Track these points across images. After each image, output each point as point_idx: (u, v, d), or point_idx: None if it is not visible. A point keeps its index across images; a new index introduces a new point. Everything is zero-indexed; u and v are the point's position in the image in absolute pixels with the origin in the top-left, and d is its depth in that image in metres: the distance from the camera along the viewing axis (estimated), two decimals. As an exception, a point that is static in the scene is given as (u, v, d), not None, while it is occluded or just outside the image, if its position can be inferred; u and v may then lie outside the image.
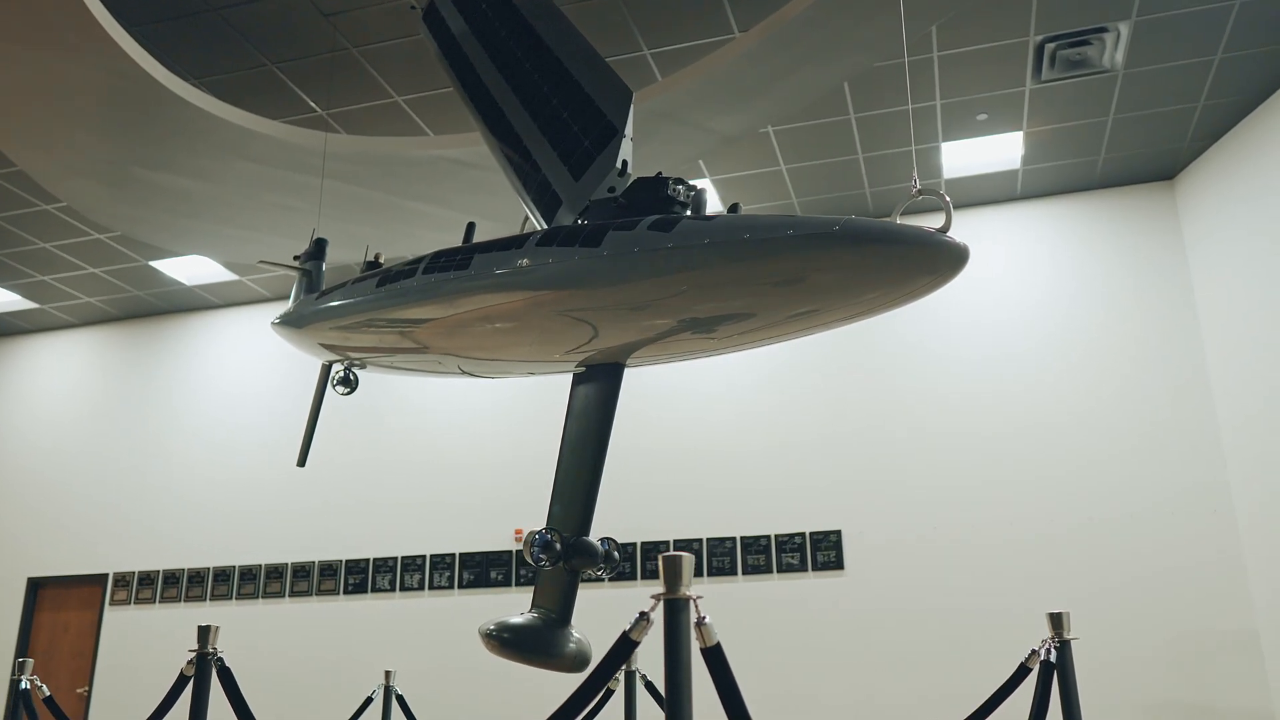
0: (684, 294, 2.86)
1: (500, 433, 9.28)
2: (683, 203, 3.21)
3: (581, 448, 3.34)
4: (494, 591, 8.77)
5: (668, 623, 2.08)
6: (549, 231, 3.27)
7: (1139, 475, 7.62)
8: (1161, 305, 7.99)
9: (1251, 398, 7.23)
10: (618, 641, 2.27)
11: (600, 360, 3.36)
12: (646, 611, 2.29)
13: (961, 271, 2.56)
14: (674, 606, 2.08)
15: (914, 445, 8.18)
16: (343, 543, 9.33)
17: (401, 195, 6.97)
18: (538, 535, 3.12)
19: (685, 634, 2.04)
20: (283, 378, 10.09)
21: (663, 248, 2.83)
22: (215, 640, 3.58)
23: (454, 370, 3.99)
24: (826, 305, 2.71)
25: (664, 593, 2.15)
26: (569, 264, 3.07)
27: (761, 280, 2.69)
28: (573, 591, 3.27)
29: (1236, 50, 6.57)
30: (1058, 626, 3.62)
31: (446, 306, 3.54)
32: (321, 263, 5.16)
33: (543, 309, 3.19)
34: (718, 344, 3.13)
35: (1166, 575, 7.35)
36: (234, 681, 3.46)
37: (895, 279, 2.55)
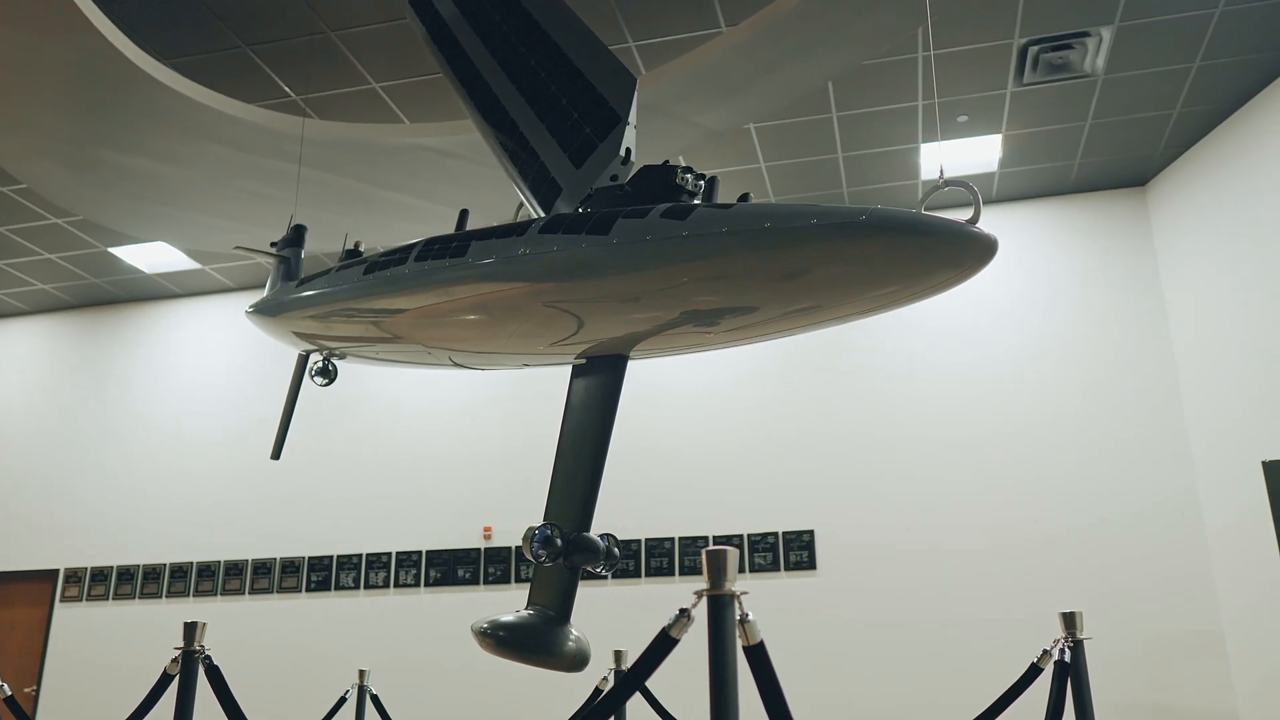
0: (699, 283, 2.78)
1: (469, 428, 9.15)
2: (690, 191, 3.14)
3: (581, 441, 3.25)
4: (461, 590, 8.63)
5: (711, 619, 2.01)
6: (552, 219, 3.17)
7: (1108, 480, 7.68)
8: (1133, 311, 8.07)
9: (1219, 402, 7.32)
10: (656, 639, 2.18)
11: (603, 351, 3.26)
12: (687, 608, 2.21)
13: (989, 264, 2.51)
14: (718, 603, 2.00)
15: (887, 447, 8.18)
16: (306, 539, 9.13)
17: (377, 184, 6.81)
18: (537, 531, 3.02)
19: (730, 631, 1.97)
20: (244, 370, 9.86)
21: (677, 235, 2.75)
22: (202, 637, 3.42)
23: (444, 362, 3.87)
24: (848, 297, 2.64)
25: (707, 588, 2.07)
26: (575, 251, 2.97)
27: (783, 270, 2.62)
28: (573, 589, 3.18)
29: (1214, 59, 6.64)
30: (1071, 626, 3.60)
31: (441, 295, 3.43)
32: (300, 250, 5.00)
33: (546, 298, 3.09)
34: (726, 335, 3.06)
35: (1135, 579, 7.42)
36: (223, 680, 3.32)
37: (923, 270, 2.49)
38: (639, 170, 3.24)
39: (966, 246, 2.43)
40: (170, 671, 3.41)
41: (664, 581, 8.27)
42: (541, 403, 9.01)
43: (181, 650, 3.33)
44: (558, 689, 7.93)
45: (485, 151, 6.62)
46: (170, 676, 3.40)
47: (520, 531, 9.40)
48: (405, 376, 9.42)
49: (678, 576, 8.24)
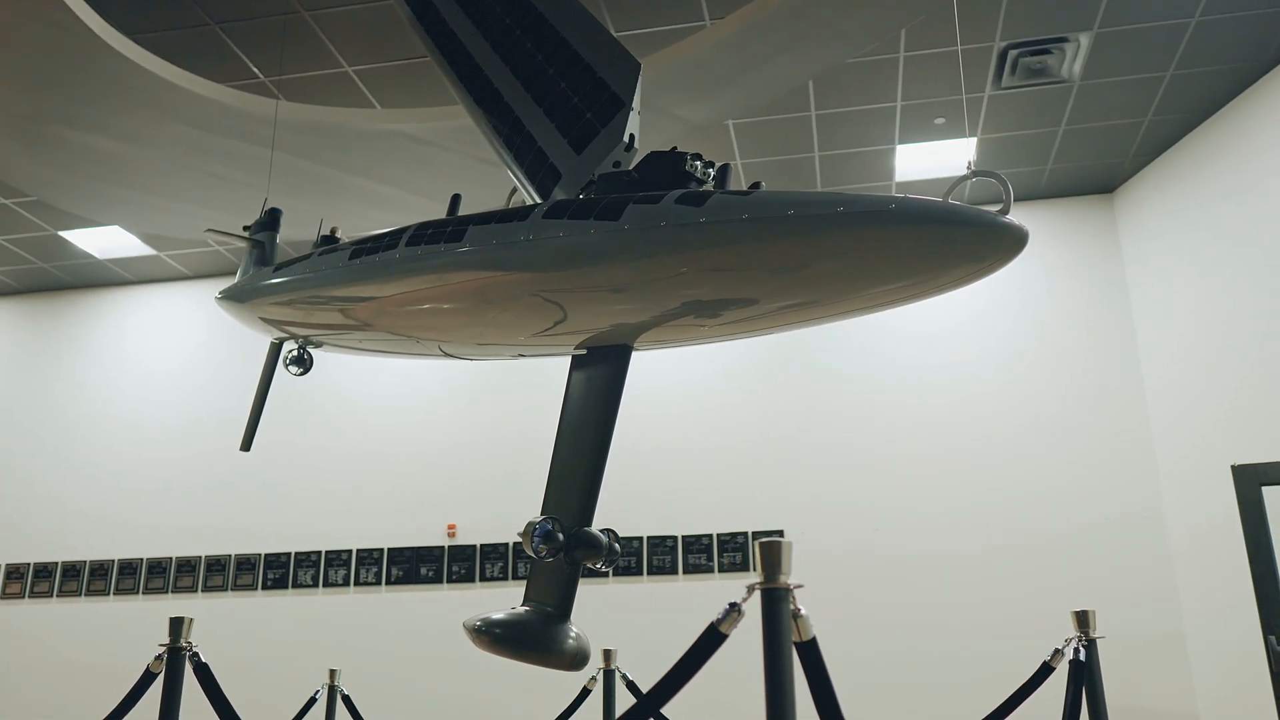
0: (714, 272, 2.70)
1: (433, 422, 8.97)
2: (699, 179, 3.05)
3: (582, 434, 3.15)
4: (424, 589, 8.45)
5: (766, 614, 1.93)
6: (556, 204, 3.07)
7: (1075, 483, 7.75)
8: (1100, 318, 8.16)
9: (1185, 407, 7.42)
10: (705, 634, 2.10)
11: (607, 341, 3.16)
12: (737, 602, 2.12)
13: (1018, 256, 2.46)
14: (773, 597, 1.92)
15: (857, 450, 8.18)
16: (263, 535, 8.88)
17: (348, 170, 6.64)
18: (538, 525, 2.92)
19: (786, 627, 1.89)
20: (197, 361, 9.57)
21: (693, 222, 2.66)
22: (189, 633, 3.26)
23: (434, 352, 3.75)
24: (872, 288, 2.58)
25: (761, 582, 1.98)
26: (584, 238, 2.87)
27: (805, 259, 2.54)
28: (573, 585, 3.08)
29: (1187, 68, 6.73)
30: (1084, 625, 3.58)
31: (436, 281, 3.30)
32: (275, 234, 4.83)
33: (550, 284, 2.99)
34: (736, 326, 2.98)
35: (1099, 580, 7.48)
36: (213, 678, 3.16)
37: (952, 261, 2.43)
38: (646, 156, 3.15)
39: (999, 237, 2.38)
40: (154, 669, 3.24)
41: (632, 581, 8.18)
42: (508, 396, 8.88)
43: (167, 647, 3.16)
44: (527, 688, 7.82)
45: (462, 139, 6.51)
46: (153, 675, 3.23)
47: (484, 529, 9.27)
48: (365, 367, 9.20)
49: (646, 576, 8.15)
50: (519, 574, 8.33)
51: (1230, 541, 6.71)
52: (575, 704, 4.75)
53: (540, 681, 7.72)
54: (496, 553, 8.43)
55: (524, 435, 8.70)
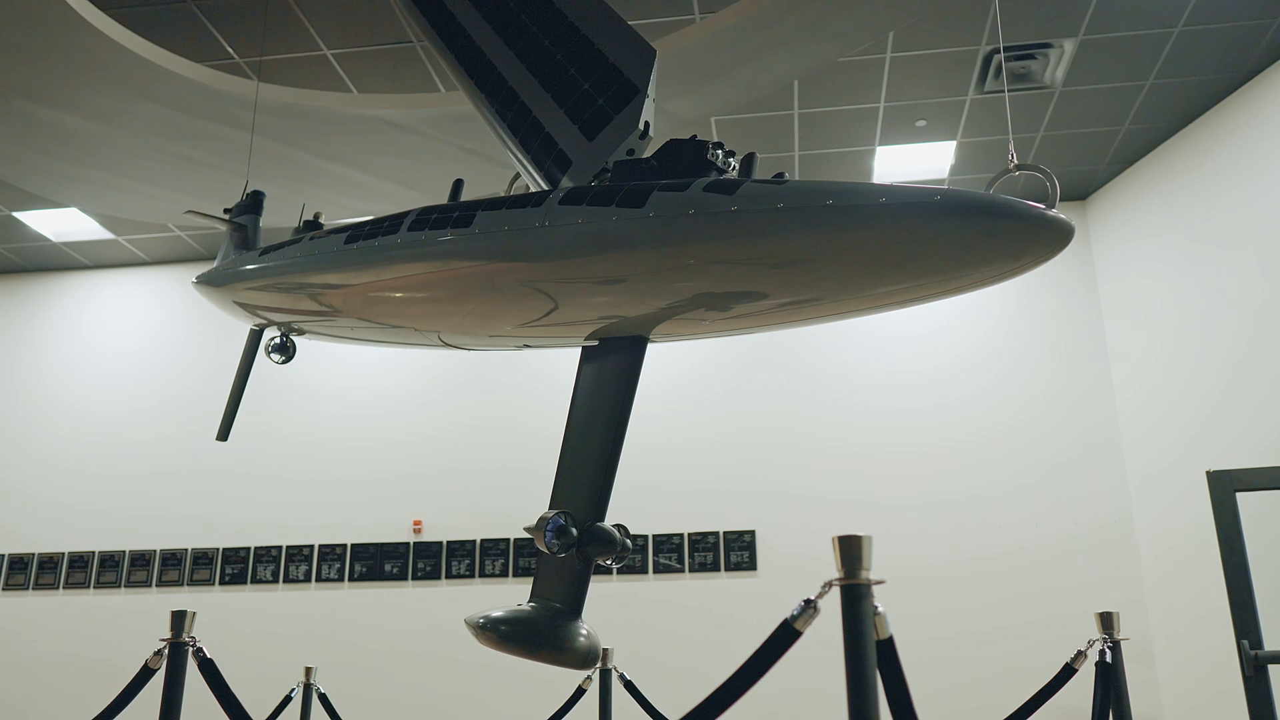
0: (745, 263, 2.63)
1: (400, 413, 8.79)
2: (720, 168, 2.98)
3: (595, 427, 3.05)
4: (389, 585, 8.28)
5: (847, 612, 1.85)
6: (572, 191, 2.97)
7: (1046, 491, 7.80)
8: (1072, 324, 8.24)
9: (1151, 413, 7.51)
10: (778, 630, 2.02)
11: (621, 332, 3.07)
12: (813, 599, 2.04)
13: (1063, 251, 2.42)
14: (853, 593, 1.84)
15: (829, 453, 8.16)
16: (221, 529, 8.63)
17: (324, 155, 6.46)
18: (550, 520, 2.82)
19: (868, 625, 1.81)
20: (153, 349, 9.29)
21: (724, 210, 2.58)
22: (191, 627, 3.10)
23: (433, 342, 3.63)
24: (912, 282, 2.52)
25: (841, 577, 1.90)
26: (605, 225, 2.78)
27: (843, 251, 2.47)
28: (585, 582, 2.99)
29: (1167, 77, 6.80)
30: (1109, 627, 3.57)
31: (442, 268, 3.19)
32: (258, 218, 4.67)
33: (569, 273, 2.89)
34: (759, 319, 2.91)
35: (1067, 584, 7.55)
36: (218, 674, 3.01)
37: (998, 255, 2.38)
38: (666, 144, 3.07)
39: (1047, 231, 2.33)
40: (152, 665, 3.08)
41: (601, 581, 8.07)
42: (478, 388, 8.74)
43: (169, 642, 3.01)
44: (494, 687, 7.70)
45: (444, 127, 6.37)
46: (151, 671, 3.07)
47: (451, 526, 9.10)
48: (329, 356, 8.98)
49: (615, 576, 8.06)
50: (486, 571, 8.20)
51: (1200, 550, 6.79)
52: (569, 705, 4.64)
53: (517, 680, 7.64)
54: (463, 550, 8.28)
55: (494, 429, 8.58)
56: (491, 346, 3.72)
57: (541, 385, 8.58)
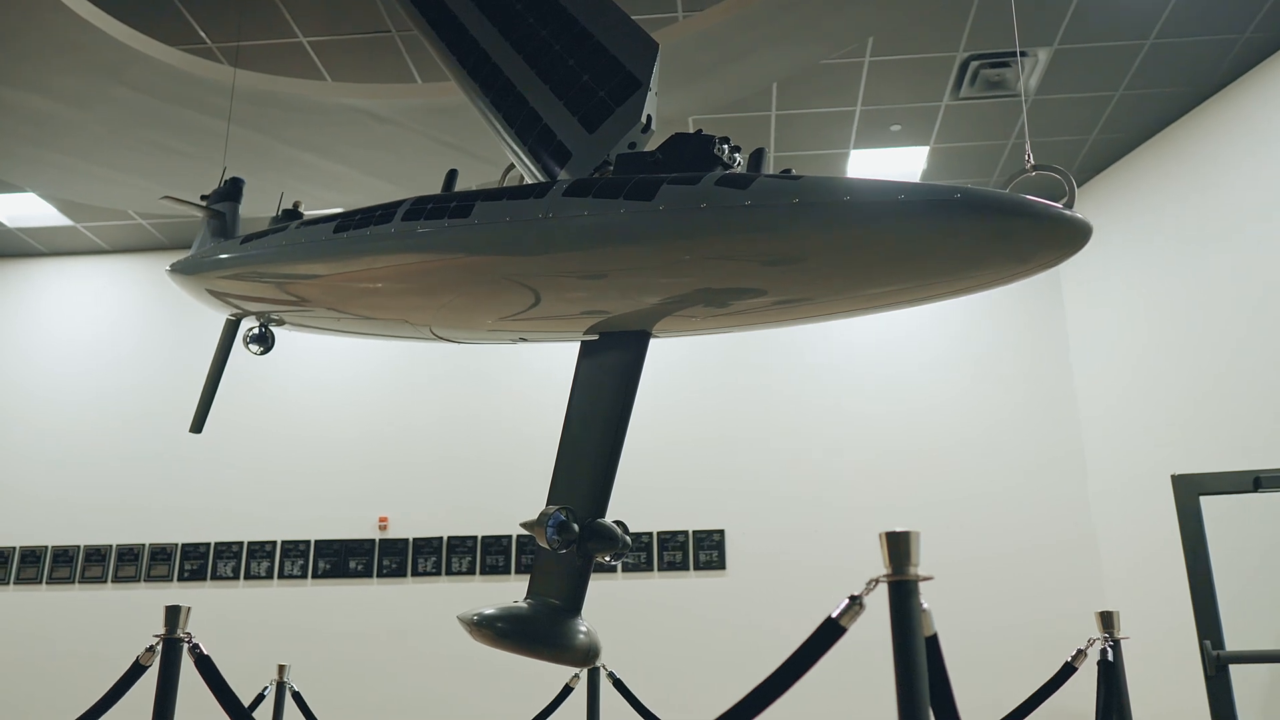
0: (758, 259, 2.62)
1: (367, 406, 8.66)
2: (726, 163, 2.97)
3: (595, 422, 3.02)
4: (353, 583, 8.16)
5: (895, 609, 1.83)
6: (577, 183, 2.94)
7: (1010, 497, 7.91)
8: (1038, 331, 8.36)
9: (1115, 420, 7.66)
10: (822, 626, 2.00)
11: (622, 327, 3.05)
12: (858, 595, 2.03)
13: (1080, 251, 2.44)
14: (902, 590, 1.83)
15: (798, 455, 8.20)
16: (179, 524, 8.46)
17: (300, 145, 6.35)
18: (552, 515, 2.79)
19: (917, 622, 1.80)
20: (112, 339, 9.08)
21: (737, 205, 2.57)
22: (186, 623, 3.02)
23: (424, 334, 3.57)
24: (926, 281, 2.53)
25: (889, 573, 1.89)
26: (612, 217, 2.76)
27: (859, 248, 2.48)
28: (585, 579, 2.96)
29: (1137, 89, 6.93)
30: (1109, 626, 3.61)
31: (439, 259, 3.14)
32: (237, 205, 4.57)
33: (573, 265, 2.87)
34: (764, 315, 2.91)
35: (1031, 585, 7.66)
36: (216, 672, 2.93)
37: (1018, 254, 2.40)
38: (671, 138, 3.05)
39: (1067, 231, 2.35)
40: (144, 662, 2.99)
41: (569, 578, 8.03)
42: (446, 383, 8.65)
43: (162, 637, 2.92)
44: (462, 686, 7.63)
45: (424, 119, 6.30)
46: (143, 668, 2.98)
47: (417, 523, 8.99)
48: (292, 347, 8.82)
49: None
50: (453, 569, 8.12)
51: (1161, 555, 6.94)
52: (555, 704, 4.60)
53: (485, 679, 7.58)
54: (430, 547, 8.20)
55: (462, 424, 8.50)
56: (486, 340, 3.68)
57: (512, 380, 8.53)
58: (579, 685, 4.69)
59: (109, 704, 2.86)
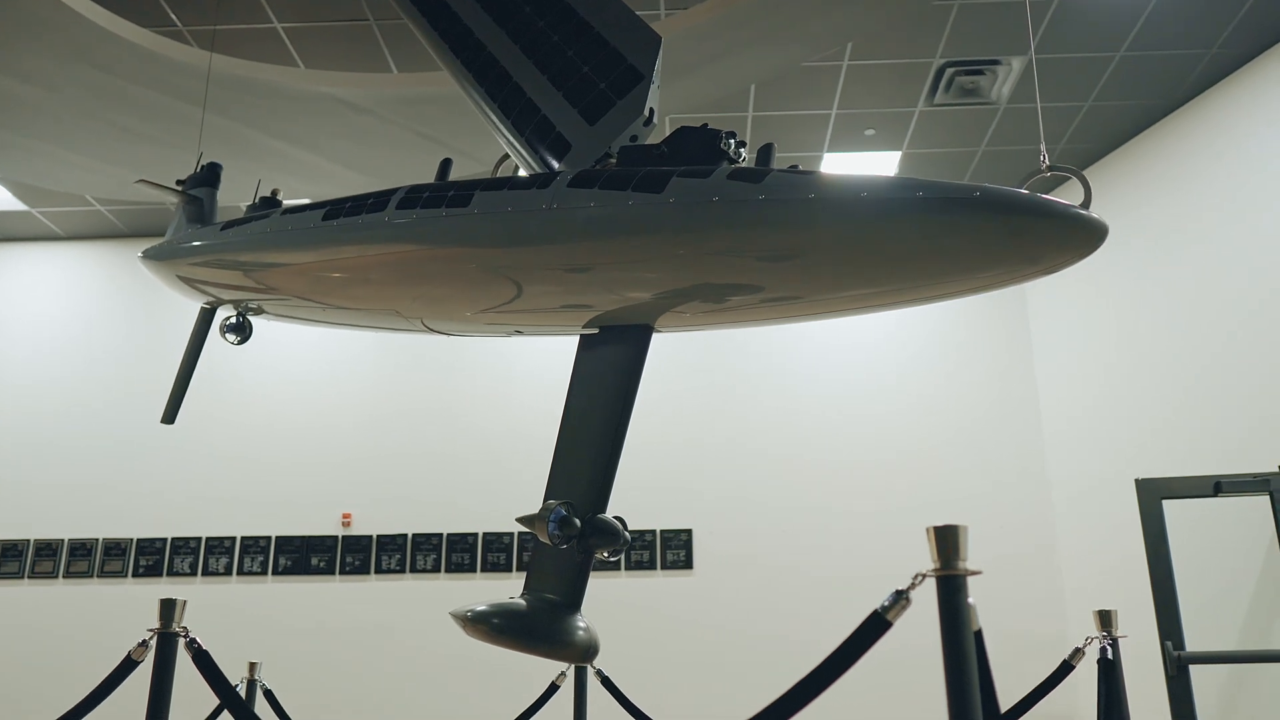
0: (770, 254, 2.61)
1: (331, 399, 8.52)
2: (732, 158, 2.97)
3: (596, 416, 2.99)
4: (315, 580, 8.03)
5: (944, 604, 1.82)
6: (582, 174, 2.92)
7: (972, 507, 8.00)
8: (1000, 339, 8.49)
9: (1072, 425, 7.80)
10: (868, 621, 1.98)
11: (624, 320, 3.03)
12: (904, 590, 2.02)
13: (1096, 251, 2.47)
14: (951, 584, 1.82)
15: (767, 456, 8.23)
16: (134, 518, 8.25)
17: (272, 133, 6.23)
18: (554, 510, 2.76)
19: (965, 617, 1.79)
20: (68, 328, 8.84)
21: (751, 199, 2.57)
22: (182, 616, 2.92)
23: (416, 327, 3.51)
24: (940, 278, 2.54)
25: (937, 568, 1.88)
26: (620, 209, 2.74)
27: (876, 245, 2.48)
28: (585, 575, 2.93)
29: (1105, 100, 7.05)
30: (1107, 624, 3.65)
31: (437, 250, 3.10)
32: (214, 191, 4.47)
33: (578, 258, 2.84)
34: (770, 310, 2.90)
35: (994, 586, 7.76)
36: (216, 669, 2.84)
37: (1035, 253, 2.41)
38: (676, 131, 3.04)
39: (1084, 232, 2.38)
40: (136, 657, 2.89)
41: (535, 577, 7.97)
42: (414, 375, 8.55)
43: (157, 632, 2.83)
44: (427, 686, 7.55)
45: (402, 110, 6.22)
46: (135, 663, 2.88)
47: (381, 519, 8.86)
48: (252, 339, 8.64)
49: (550, 572, 7.97)
50: (417, 567, 8.02)
51: (1123, 563, 7.07)
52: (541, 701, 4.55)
53: (450, 680, 7.51)
54: (394, 544, 8.09)
55: (428, 419, 8.40)
56: (481, 332, 3.63)
57: (481, 375, 8.46)
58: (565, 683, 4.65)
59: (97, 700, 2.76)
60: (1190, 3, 6.04)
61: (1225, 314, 6.61)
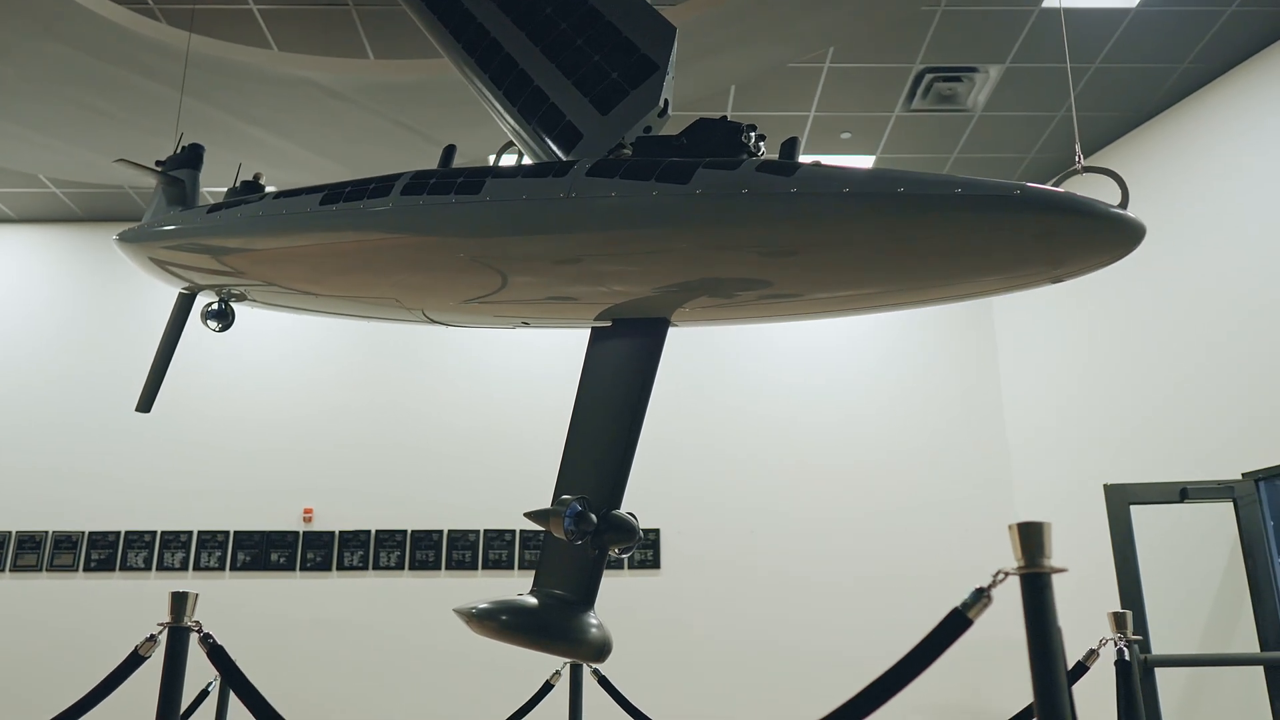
0: (801, 247, 2.58)
1: (293, 391, 8.34)
2: (751, 151, 2.93)
3: (610, 411, 2.93)
4: (275, 576, 7.84)
5: (1029, 601, 1.79)
6: (603, 162, 2.86)
7: (937, 514, 8.06)
8: (969, 346, 8.57)
9: (1036, 428, 7.91)
10: (947, 618, 1.95)
11: (640, 313, 2.98)
12: (985, 588, 1.98)
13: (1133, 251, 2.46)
14: (1037, 582, 1.79)
15: (734, 458, 8.22)
16: (86, 511, 8.00)
17: (241, 116, 6.06)
18: (570, 505, 2.70)
19: (1052, 615, 1.77)
20: (18, 315, 8.55)
21: (783, 192, 2.54)
22: (193, 610, 2.80)
23: (416, 317, 3.42)
24: (972, 277, 2.52)
25: (1022, 565, 1.85)
26: (643, 199, 2.69)
27: (911, 240, 2.45)
28: (599, 572, 2.87)
29: (1079, 110, 7.15)
30: (1122, 626, 3.67)
31: (447, 237, 3.02)
32: (197, 173, 4.33)
33: (599, 247, 2.79)
34: (796, 307, 2.87)
35: (951, 589, 7.83)
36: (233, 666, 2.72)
37: (1072, 254, 2.40)
38: (696, 123, 3.00)
39: (1124, 231, 2.36)
40: (143, 652, 2.76)
41: (495, 575, 7.89)
42: (378, 369, 8.41)
43: (168, 626, 2.70)
44: (389, 686, 7.41)
45: (379, 97, 6.10)
46: (141, 658, 2.75)
47: (344, 515, 8.66)
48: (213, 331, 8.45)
49: (517, 571, 7.89)
50: (380, 564, 7.88)
51: (1084, 571, 7.17)
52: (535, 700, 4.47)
53: (413, 680, 7.39)
54: (357, 540, 7.94)
55: (393, 413, 8.27)
56: (487, 324, 3.55)
57: (447, 368, 8.34)
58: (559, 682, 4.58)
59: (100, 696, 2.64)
60: (1166, 17, 6.14)
61: (1191, 324, 6.74)
